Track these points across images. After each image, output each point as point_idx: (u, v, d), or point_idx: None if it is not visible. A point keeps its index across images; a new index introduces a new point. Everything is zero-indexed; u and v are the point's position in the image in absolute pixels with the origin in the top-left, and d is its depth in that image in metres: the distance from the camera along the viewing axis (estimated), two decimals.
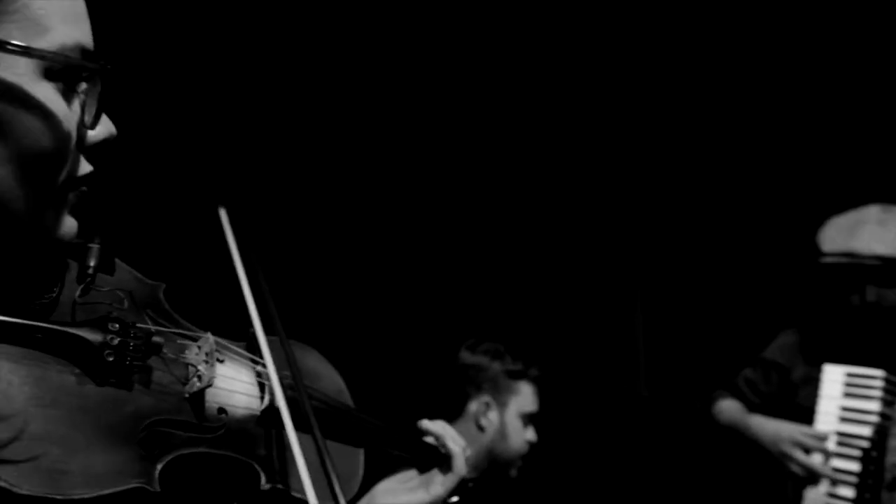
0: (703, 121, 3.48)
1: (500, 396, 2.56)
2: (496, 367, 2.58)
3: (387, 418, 1.29)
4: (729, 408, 2.68)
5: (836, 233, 2.53)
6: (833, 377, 2.47)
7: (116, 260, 1.00)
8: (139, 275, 1.03)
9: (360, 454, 1.21)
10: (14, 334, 0.80)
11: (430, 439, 1.36)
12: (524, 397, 2.63)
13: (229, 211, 1.12)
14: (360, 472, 1.20)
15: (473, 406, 2.54)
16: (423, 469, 1.35)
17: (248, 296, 1.05)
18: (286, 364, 1.06)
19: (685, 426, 3.31)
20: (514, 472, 2.65)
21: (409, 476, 1.36)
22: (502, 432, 2.67)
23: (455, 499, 1.37)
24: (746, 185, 3.47)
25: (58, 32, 0.81)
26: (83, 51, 0.84)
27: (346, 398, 1.27)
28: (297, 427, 0.98)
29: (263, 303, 1.07)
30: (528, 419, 2.64)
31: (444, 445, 1.34)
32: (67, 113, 0.83)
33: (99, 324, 0.87)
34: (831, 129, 3.26)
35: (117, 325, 0.88)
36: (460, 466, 1.32)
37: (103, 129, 0.89)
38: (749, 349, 2.83)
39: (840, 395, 2.45)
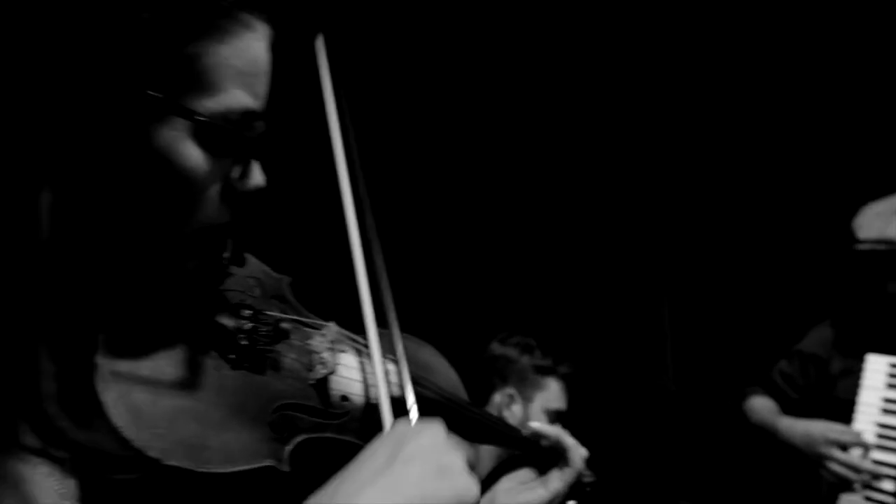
0: (731, 111, 3.43)
1: (526, 390, 2.54)
2: (525, 360, 2.56)
3: None
4: (760, 407, 2.61)
5: (871, 220, 2.47)
6: (876, 367, 2.39)
7: (246, 254, 1.07)
8: (267, 268, 1.11)
9: (478, 450, 1.23)
10: (164, 327, 0.88)
11: (544, 442, 1.38)
12: (551, 393, 2.60)
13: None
14: (475, 465, 1.19)
15: (497, 397, 2.52)
16: (540, 468, 1.37)
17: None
18: (401, 356, 1.09)
19: (713, 421, 3.25)
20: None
21: (528, 476, 1.38)
22: (524, 426, 2.62)
23: (572, 503, 1.38)
24: (777, 175, 3.41)
25: (229, 95, 0.81)
26: (245, 114, 0.84)
27: (462, 393, 1.30)
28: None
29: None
30: (555, 416, 2.60)
31: (557, 443, 1.36)
32: (213, 167, 0.84)
33: (233, 310, 0.94)
34: (865, 117, 3.20)
35: (249, 312, 0.95)
36: (577, 461, 1.34)
37: (250, 181, 0.89)
38: (777, 342, 2.77)
39: (883, 386, 2.37)
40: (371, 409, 1.05)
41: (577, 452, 1.36)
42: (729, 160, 3.48)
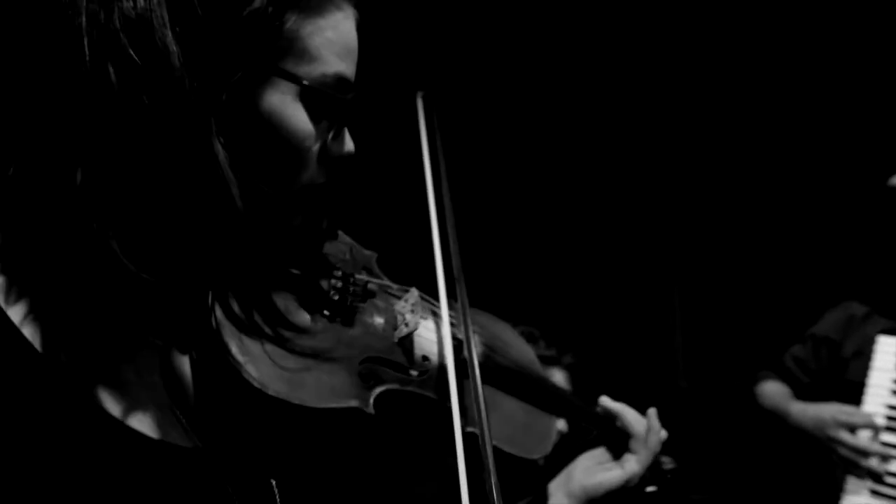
0: (737, 105, 3.46)
1: None
2: None
3: None
4: (772, 392, 2.61)
5: None
6: (887, 349, 2.38)
7: (339, 231, 1.18)
8: (357, 244, 1.21)
9: (554, 421, 1.30)
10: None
11: (619, 422, 1.37)
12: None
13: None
14: (553, 435, 1.27)
15: None
16: (616, 449, 1.37)
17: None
18: (479, 327, 1.21)
19: (724, 416, 3.25)
20: (540, 461, 2.62)
21: (604, 456, 1.38)
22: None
23: (652, 488, 1.39)
24: (786, 167, 3.43)
25: (325, 63, 0.90)
26: (340, 79, 0.92)
27: (536, 367, 1.36)
28: (493, 383, 1.16)
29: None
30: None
31: (627, 425, 1.36)
32: (314, 129, 0.92)
33: (326, 271, 1.06)
34: (870, 106, 3.22)
35: (340, 273, 1.06)
36: (653, 442, 1.34)
37: (344, 146, 0.98)
38: (789, 339, 2.78)
39: (893, 368, 2.37)
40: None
41: (657, 436, 1.35)
42: (738, 151, 3.51)
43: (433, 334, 1.16)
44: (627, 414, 1.37)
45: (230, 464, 0.93)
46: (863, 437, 2.32)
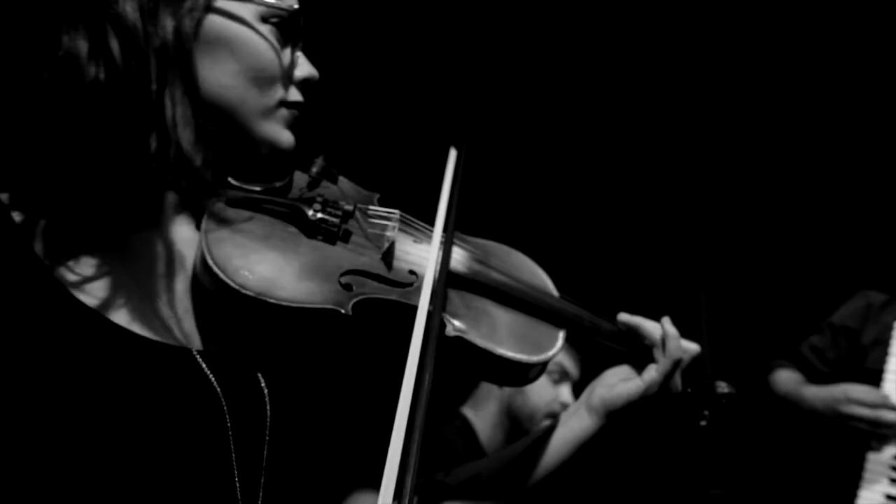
0: (760, 105, 3.47)
1: None
2: None
3: None
4: (786, 379, 2.62)
5: None
6: None
7: (341, 176, 1.26)
8: (358, 186, 1.29)
9: (556, 332, 1.29)
10: (256, 203, 1.12)
11: (645, 340, 1.36)
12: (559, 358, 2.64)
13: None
14: (554, 345, 1.27)
15: None
16: (640, 364, 1.36)
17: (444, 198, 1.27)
18: (476, 248, 1.30)
19: (748, 411, 3.25)
20: (535, 370, 2.65)
21: (628, 372, 1.38)
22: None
23: (704, 423, 1.38)
24: (808, 163, 3.43)
25: None
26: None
27: (550, 289, 1.36)
28: (487, 294, 1.23)
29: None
30: (562, 377, 2.63)
31: (645, 334, 1.35)
32: (278, 49, 1.09)
33: (308, 200, 1.14)
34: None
35: (321, 198, 1.15)
36: (674, 350, 1.31)
37: (304, 69, 1.14)
38: (806, 330, 2.78)
39: None
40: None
41: (675, 342, 1.32)
42: (761, 151, 3.51)
43: (420, 250, 1.22)
44: (645, 324, 1.36)
45: (218, 360, 1.02)
46: (874, 408, 2.32)
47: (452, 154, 1.33)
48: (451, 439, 2.83)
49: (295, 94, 1.13)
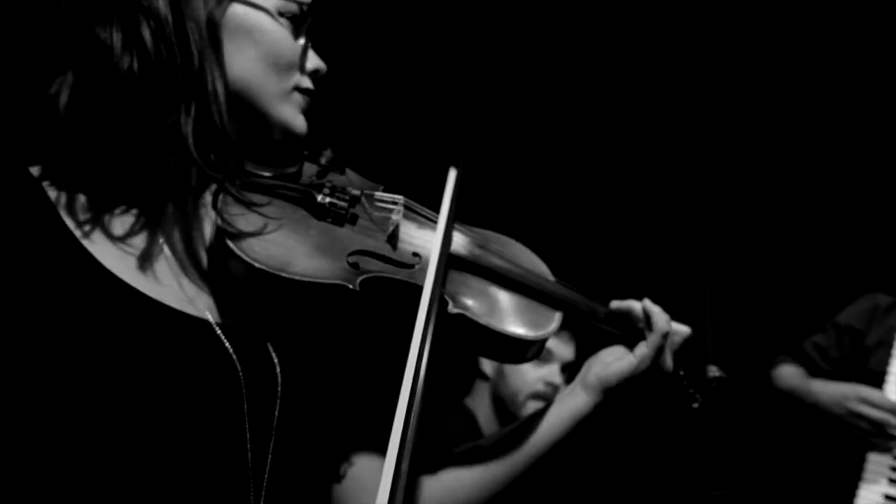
0: (765, 109, 3.48)
1: None
2: None
3: None
4: (789, 373, 2.63)
5: None
6: None
7: (347, 168, 1.32)
8: (363, 178, 1.34)
9: (552, 313, 1.34)
10: (269, 188, 1.17)
11: (637, 322, 1.40)
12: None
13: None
14: (549, 325, 1.32)
15: None
16: (631, 344, 1.40)
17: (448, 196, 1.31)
18: (476, 234, 1.36)
19: (752, 413, 3.26)
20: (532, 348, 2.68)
21: (622, 351, 1.41)
22: (500, 371, 2.72)
23: (696, 405, 1.42)
24: (815, 166, 3.44)
25: None
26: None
27: (547, 275, 1.41)
28: (486, 276, 1.29)
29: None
30: (547, 358, 2.66)
31: (638, 318, 1.39)
32: (293, 41, 1.17)
33: (318, 186, 1.21)
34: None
35: (330, 184, 1.22)
36: (661, 324, 1.36)
37: (314, 62, 1.22)
38: (809, 329, 2.79)
39: None
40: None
41: (661, 316, 1.36)
42: (770, 151, 3.52)
43: (423, 234, 1.28)
44: (634, 306, 1.41)
45: (235, 333, 1.09)
46: (885, 411, 2.33)
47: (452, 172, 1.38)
48: (456, 431, 2.87)
49: (307, 82, 1.20)
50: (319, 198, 1.18)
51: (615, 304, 1.44)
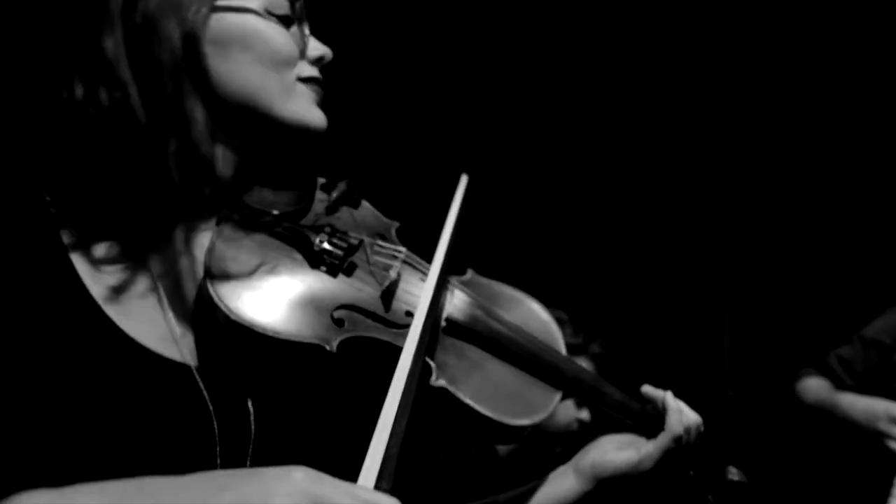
0: (785, 123, 3.47)
1: None
2: None
3: None
4: (816, 386, 2.59)
5: None
6: None
7: (363, 201, 1.25)
8: (379, 213, 1.27)
9: (552, 393, 1.24)
10: (267, 226, 1.10)
11: (650, 408, 1.30)
12: None
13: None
14: (546, 408, 1.22)
15: None
16: (643, 434, 1.31)
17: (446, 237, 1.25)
18: (480, 295, 1.26)
19: (771, 425, 3.22)
20: (558, 450, 2.62)
21: (626, 439, 1.32)
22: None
23: (711, 499, 1.31)
24: (833, 180, 3.42)
25: None
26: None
27: (555, 342, 1.31)
28: (484, 346, 1.19)
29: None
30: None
31: (661, 407, 1.28)
32: (287, 33, 1.10)
33: (317, 228, 1.12)
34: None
35: (329, 229, 1.13)
36: (675, 425, 1.24)
37: (317, 49, 1.14)
38: (833, 342, 2.76)
39: None
40: (436, 328, 1.15)
41: (677, 416, 1.24)
42: (787, 165, 3.50)
43: (419, 291, 1.17)
44: (652, 394, 1.31)
45: (214, 382, 1.04)
46: None
47: (461, 188, 1.33)
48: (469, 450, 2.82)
49: (309, 70, 1.13)
50: (316, 242, 1.10)
51: (647, 389, 1.31)
